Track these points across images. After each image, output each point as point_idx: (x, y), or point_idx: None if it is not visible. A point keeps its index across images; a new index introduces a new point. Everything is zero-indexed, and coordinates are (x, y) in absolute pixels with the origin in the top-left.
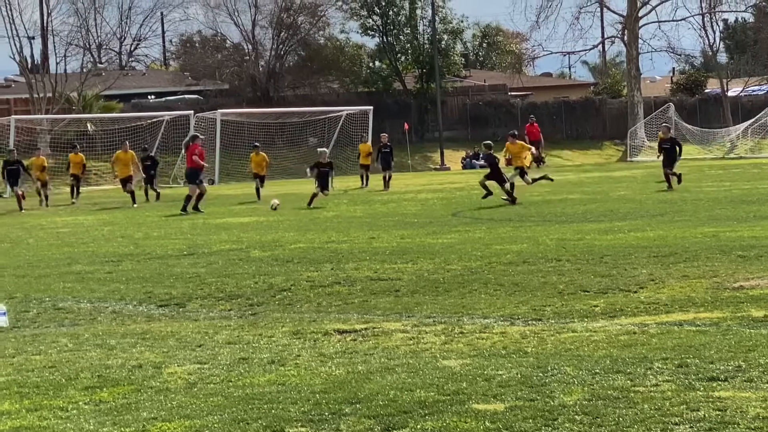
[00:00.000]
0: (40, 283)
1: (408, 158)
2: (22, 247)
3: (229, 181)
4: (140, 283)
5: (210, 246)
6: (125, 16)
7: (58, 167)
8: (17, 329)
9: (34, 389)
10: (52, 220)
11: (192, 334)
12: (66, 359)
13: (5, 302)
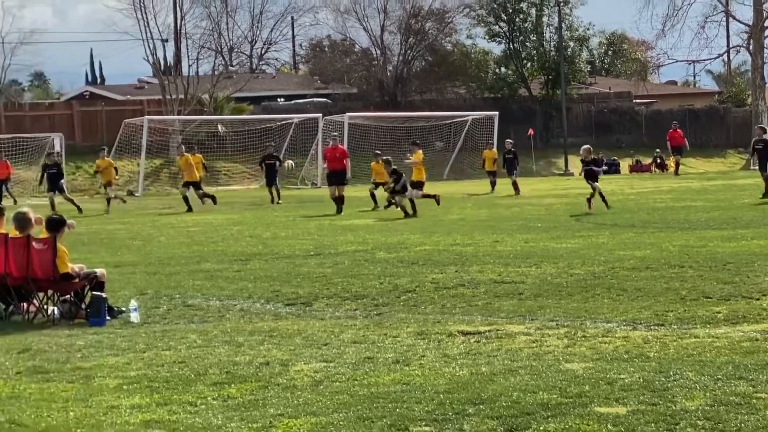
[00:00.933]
0: (171, 280)
1: (532, 163)
2: (154, 245)
3: (356, 183)
4: (268, 281)
5: (336, 247)
6: (256, 20)
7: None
8: (148, 325)
9: (164, 384)
10: (183, 219)
11: (318, 333)
12: (195, 355)
13: (137, 298)
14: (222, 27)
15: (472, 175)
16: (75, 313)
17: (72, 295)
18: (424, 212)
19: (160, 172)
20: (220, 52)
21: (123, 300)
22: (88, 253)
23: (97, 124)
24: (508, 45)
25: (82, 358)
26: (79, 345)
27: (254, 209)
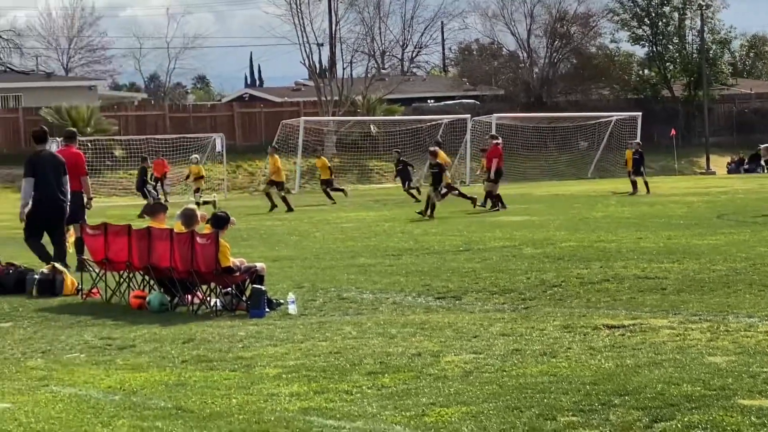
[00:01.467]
0: (326, 274)
1: (674, 162)
2: (310, 240)
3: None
4: (419, 276)
5: (485, 243)
6: (408, 25)
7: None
8: (305, 317)
9: (321, 373)
10: (338, 216)
11: (468, 326)
12: (350, 346)
13: (294, 291)
14: (375, 31)
15: (615, 173)
16: (236, 305)
17: (233, 288)
18: (568, 210)
19: (316, 170)
20: (373, 55)
21: (281, 293)
22: (248, 247)
23: (256, 125)
24: (651, 48)
25: (243, 347)
26: (241, 335)
27: (405, 207)
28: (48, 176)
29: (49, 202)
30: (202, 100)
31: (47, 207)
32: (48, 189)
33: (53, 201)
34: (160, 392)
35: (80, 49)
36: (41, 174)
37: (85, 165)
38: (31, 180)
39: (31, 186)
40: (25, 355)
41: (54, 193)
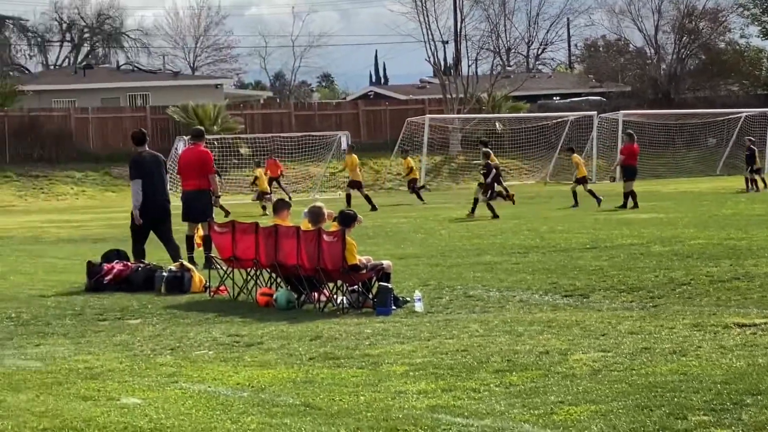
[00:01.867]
0: (452, 271)
1: None
2: (435, 238)
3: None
4: (545, 274)
5: (612, 240)
6: (533, 21)
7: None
8: (431, 314)
9: (448, 371)
10: (463, 213)
11: (595, 324)
12: (477, 344)
13: (420, 289)
14: (500, 29)
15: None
16: (363, 302)
17: (360, 286)
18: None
19: (441, 167)
20: (498, 52)
21: (407, 290)
22: (374, 245)
23: (381, 123)
24: None
25: (370, 345)
26: (367, 333)
27: (531, 204)
28: (152, 176)
29: (153, 202)
30: (327, 98)
31: (152, 207)
32: (152, 189)
33: (157, 201)
34: (288, 389)
35: (206, 48)
36: (145, 174)
37: (213, 163)
38: (138, 182)
39: (140, 187)
40: (154, 352)
41: (157, 193)
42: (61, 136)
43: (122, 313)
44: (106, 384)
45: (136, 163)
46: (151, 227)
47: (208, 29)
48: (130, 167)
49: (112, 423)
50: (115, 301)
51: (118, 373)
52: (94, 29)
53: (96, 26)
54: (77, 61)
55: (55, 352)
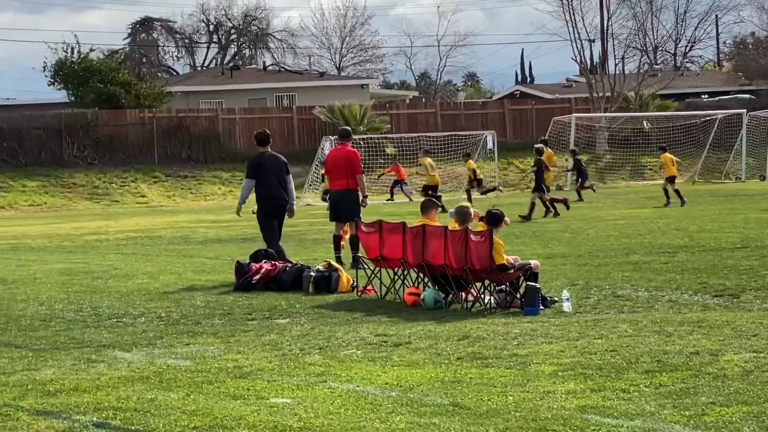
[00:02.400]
0: (600, 271)
1: None
2: (582, 238)
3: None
4: (695, 273)
5: (762, 240)
6: (680, 19)
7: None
8: (579, 314)
9: (597, 371)
10: (610, 213)
11: (747, 324)
12: (626, 344)
13: (568, 289)
14: (647, 26)
15: None
16: (510, 302)
17: (507, 285)
18: None
19: (588, 166)
20: (645, 50)
21: (555, 290)
22: (521, 245)
23: (527, 122)
24: None
25: (518, 345)
26: (515, 333)
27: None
28: (270, 177)
29: (271, 201)
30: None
31: (270, 205)
32: (270, 189)
33: (275, 200)
34: (437, 389)
35: (352, 48)
36: (263, 175)
37: (361, 163)
38: (251, 181)
39: (250, 187)
40: (302, 351)
41: (276, 193)
42: (208, 136)
43: (270, 313)
44: (255, 383)
45: (254, 164)
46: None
47: (353, 29)
48: (246, 167)
49: (262, 422)
50: (264, 301)
51: (267, 372)
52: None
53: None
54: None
55: (205, 351)
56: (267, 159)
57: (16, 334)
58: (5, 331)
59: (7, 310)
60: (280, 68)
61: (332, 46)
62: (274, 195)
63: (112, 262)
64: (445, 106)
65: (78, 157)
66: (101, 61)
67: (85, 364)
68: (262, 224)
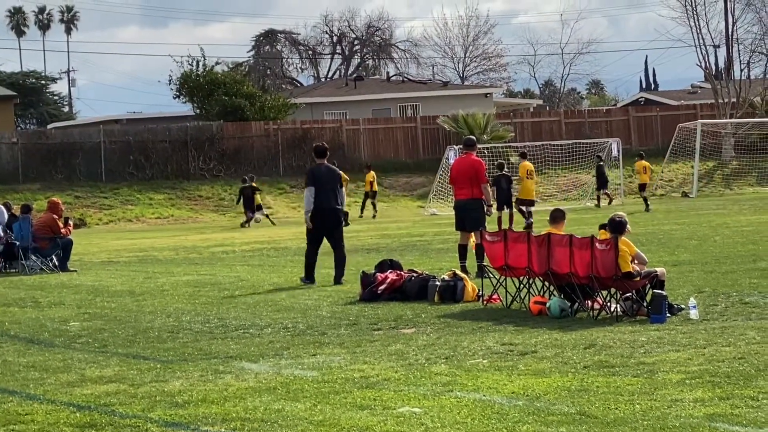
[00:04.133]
0: (727, 278)
1: None
2: (709, 244)
3: None
4: None
5: None
6: None
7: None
8: (707, 321)
9: (725, 378)
10: (737, 219)
11: None
12: (754, 351)
13: (695, 296)
14: None
15: None
16: (637, 310)
17: (634, 293)
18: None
19: (714, 173)
20: None
21: (682, 298)
22: (647, 252)
23: (652, 129)
24: None
25: (645, 353)
26: (642, 341)
27: None
28: (325, 186)
29: (325, 211)
30: (597, 104)
31: (323, 215)
32: (324, 198)
33: (329, 210)
34: (563, 397)
35: (475, 57)
36: (319, 185)
37: (486, 172)
38: (312, 189)
39: (312, 194)
40: (429, 361)
41: (330, 203)
42: (332, 147)
43: (396, 323)
44: (381, 393)
45: (312, 173)
46: (324, 234)
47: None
48: (305, 176)
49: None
50: (389, 311)
51: (393, 382)
52: (364, 41)
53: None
54: (348, 73)
55: (331, 361)
56: (323, 170)
57: (144, 346)
58: (134, 343)
59: (135, 322)
60: (404, 78)
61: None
62: (327, 204)
63: (238, 274)
64: (569, 114)
65: (204, 170)
66: (226, 73)
67: (213, 375)
68: (308, 233)
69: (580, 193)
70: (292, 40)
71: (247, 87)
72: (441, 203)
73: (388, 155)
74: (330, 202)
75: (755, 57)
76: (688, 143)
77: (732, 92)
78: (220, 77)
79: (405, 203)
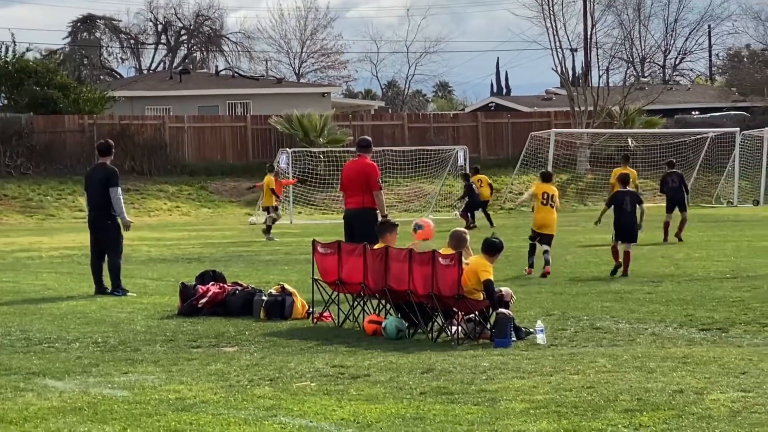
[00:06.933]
0: (578, 301)
1: None
2: (560, 264)
3: None
4: (681, 305)
5: (755, 269)
6: (670, 29)
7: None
8: (554, 347)
9: (572, 409)
10: (591, 237)
11: (735, 361)
12: (604, 380)
13: (543, 319)
14: (634, 36)
15: None
16: (480, 333)
17: (477, 314)
18: None
19: (567, 187)
20: (632, 62)
21: (529, 320)
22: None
23: (502, 137)
24: None
25: (487, 379)
26: (484, 366)
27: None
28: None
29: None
30: (444, 109)
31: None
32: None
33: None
34: (397, 426)
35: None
36: (88, 188)
37: (378, 179)
38: (86, 193)
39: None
40: (251, 383)
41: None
42: (154, 146)
43: (217, 340)
44: (198, 416)
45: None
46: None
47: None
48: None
49: None
50: (210, 327)
51: (212, 404)
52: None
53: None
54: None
55: (144, 380)
56: (94, 170)
57: None
58: None
59: None
60: (234, 73)
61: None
62: (91, 210)
63: (45, 282)
64: (413, 118)
65: (10, 167)
66: (38, 61)
67: (12, 392)
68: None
69: (423, 204)
70: (112, 27)
71: (62, 77)
72: None
73: (214, 157)
74: (94, 207)
75: (615, 63)
76: (540, 153)
77: (589, 100)
78: (32, 65)
79: (231, 210)
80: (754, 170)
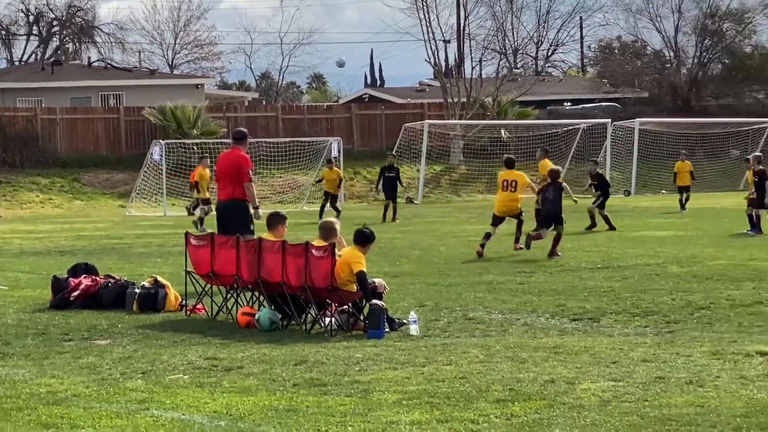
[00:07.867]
0: (451, 291)
1: None
2: (433, 255)
3: (645, 192)
4: (553, 295)
5: (626, 260)
6: (543, 20)
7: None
8: (428, 338)
9: (444, 400)
10: (464, 228)
11: (606, 350)
12: (476, 371)
13: (416, 310)
14: (507, 27)
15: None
16: (353, 324)
17: (350, 306)
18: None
19: (441, 178)
20: (505, 53)
21: (402, 311)
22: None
23: (376, 128)
24: None
25: (360, 371)
26: (357, 357)
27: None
28: None
29: None
30: (318, 100)
31: None
32: None
33: None
34: (270, 418)
35: (186, 44)
36: None
37: (250, 171)
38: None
39: None
40: (124, 376)
41: None
42: (26, 138)
43: (90, 333)
44: (70, 410)
45: None
46: None
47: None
48: None
49: None
50: (82, 320)
51: (83, 398)
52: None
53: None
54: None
55: (15, 374)
56: None
57: None
58: None
59: None
60: (107, 65)
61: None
62: None
63: None
64: (288, 110)
65: None
66: None
67: None
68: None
69: (297, 196)
70: None
71: None
72: (144, 203)
73: (87, 149)
74: None
75: (488, 54)
76: (414, 145)
77: (462, 91)
78: None
79: (105, 202)
80: (626, 161)
